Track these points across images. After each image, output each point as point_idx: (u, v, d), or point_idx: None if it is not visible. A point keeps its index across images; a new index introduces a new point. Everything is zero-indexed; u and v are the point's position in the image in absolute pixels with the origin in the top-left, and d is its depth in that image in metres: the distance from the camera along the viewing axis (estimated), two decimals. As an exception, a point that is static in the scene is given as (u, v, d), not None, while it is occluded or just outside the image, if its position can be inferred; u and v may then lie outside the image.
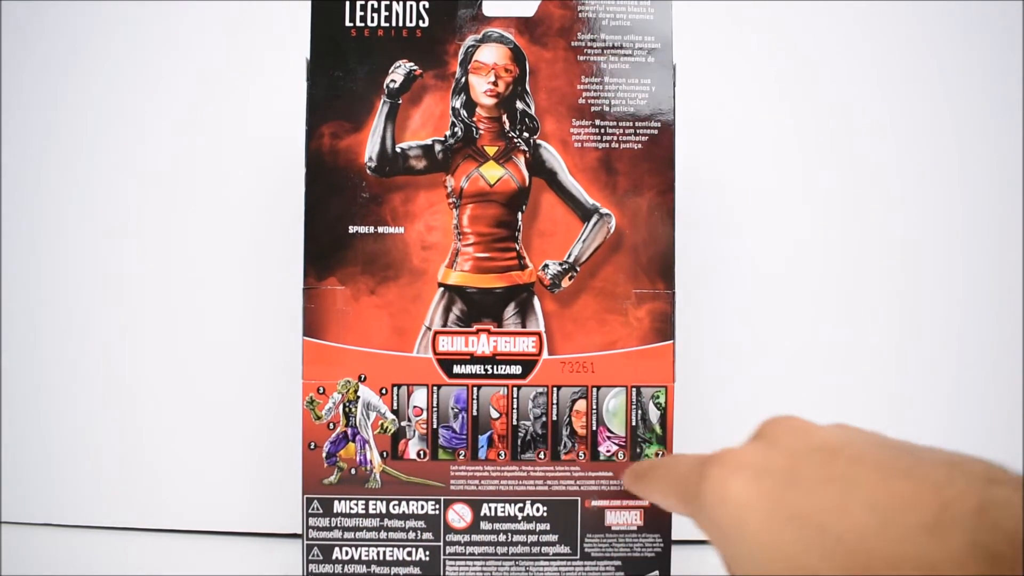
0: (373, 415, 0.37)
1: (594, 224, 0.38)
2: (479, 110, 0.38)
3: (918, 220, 0.51)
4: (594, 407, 0.38)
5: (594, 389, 0.38)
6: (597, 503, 0.38)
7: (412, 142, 0.38)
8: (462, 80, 0.38)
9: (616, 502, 0.38)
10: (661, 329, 0.37)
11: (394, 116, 0.37)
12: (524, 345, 0.37)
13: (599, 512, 0.38)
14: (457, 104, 0.38)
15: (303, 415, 0.37)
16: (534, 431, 0.38)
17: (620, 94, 0.38)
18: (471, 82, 0.38)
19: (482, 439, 0.37)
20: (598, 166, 0.38)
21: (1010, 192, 0.51)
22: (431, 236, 0.37)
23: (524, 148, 0.38)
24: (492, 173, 0.38)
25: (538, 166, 0.38)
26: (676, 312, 0.38)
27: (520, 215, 0.38)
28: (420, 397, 0.37)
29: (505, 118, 0.38)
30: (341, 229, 0.37)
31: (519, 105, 0.38)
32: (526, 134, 0.38)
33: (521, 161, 0.38)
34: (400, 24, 0.38)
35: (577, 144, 0.38)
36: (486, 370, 0.37)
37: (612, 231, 0.38)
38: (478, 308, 0.37)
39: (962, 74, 0.51)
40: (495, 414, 0.37)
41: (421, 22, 0.38)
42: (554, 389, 0.37)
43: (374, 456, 0.37)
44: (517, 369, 0.37)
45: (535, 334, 0.37)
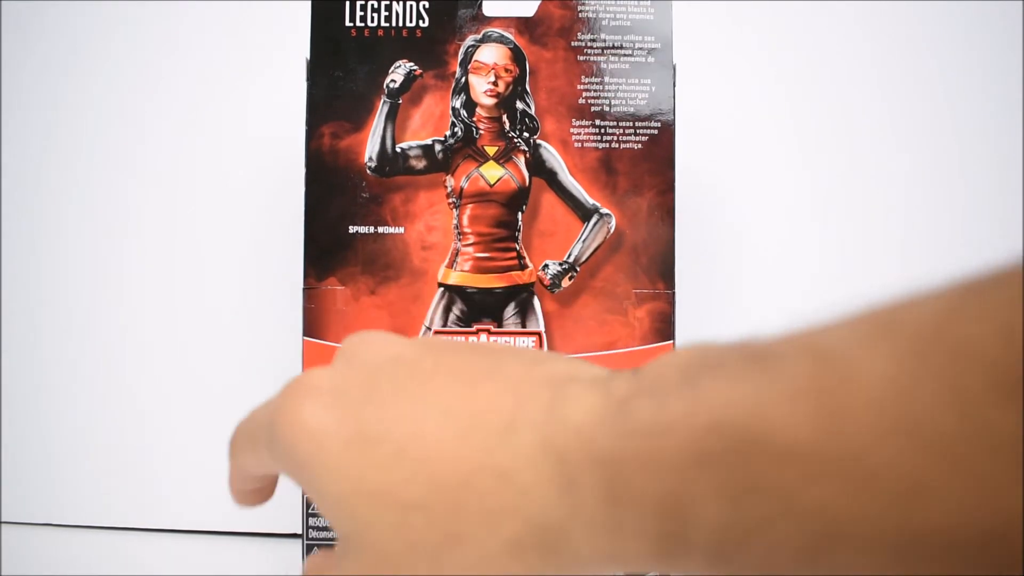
0: (373, 415, 0.37)
1: (594, 224, 0.38)
2: (479, 110, 0.38)
3: (919, 220, 0.51)
4: (594, 407, 0.37)
5: (594, 389, 0.37)
6: (597, 503, 0.38)
7: (412, 142, 0.38)
8: (462, 80, 0.38)
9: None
10: (661, 329, 0.37)
11: (394, 116, 0.37)
12: (524, 345, 0.37)
13: (599, 512, 0.38)
14: (457, 104, 0.38)
15: (303, 415, 0.37)
16: (534, 431, 0.38)
17: (620, 94, 0.38)
18: (471, 82, 0.38)
19: (482, 439, 0.37)
20: (598, 166, 0.38)
21: (1010, 192, 0.51)
22: (431, 236, 0.37)
23: (524, 148, 0.38)
24: (492, 173, 0.38)
25: (538, 166, 0.38)
26: (676, 312, 0.38)
27: (520, 215, 0.38)
28: (420, 397, 0.37)
29: (505, 118, 0.38)
30: (341, 229, 0.37)
31: (519, 105, 0.38)
32: (526, 134, 0.38)
33: (521, 161, 0.38)
34: (400, 24, 0.38)
35: (577, 144, 0.38)
36: (486, 370, 0.37)
37: (612, 231, 0.38)
38: (478, 308, 0.37)
39: (962, 74, 0.51)
40: (495, 414, 0.37)
41: (421, 22, 0.38)
42: (554, 389, 0.37)
43: (374, 456, 0.37)
44: (517, 369, 0.37)
45: (535, 334, 0.37)
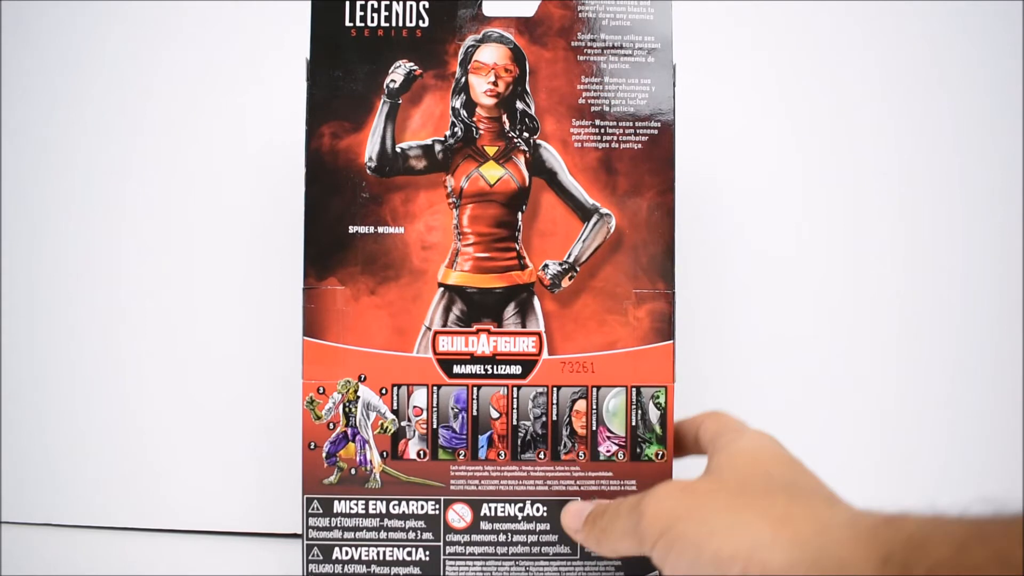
0: (373, 415, 0.37)
1: (594, 224, 0.38)
2: (479, 110, 0.38)
3: (918, 220, 0.51)
4: (594, 407, 0.38)
5: (594, 389, 0.37)
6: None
7: (412, 142, 0.38)
8: (462, 80, 0.38)
9: (616, 502, 0.38)
10: (661, 329, 0.37)
11: (394, 116, 0.37)
12: (524, 345, 0.37)
13: (599, 512, 0.38)
14: (457, 104, 0.38)
15: (303, 415, 0.37)
16: (534, 431, 0.38)
17: (620, 94, 0.38)
18: (471, 82, 0.38)
19: (482, 439, 0.37)
20: (598, 166, 0.38)
21: (1010, 192, 0.51)
22: (431, 236, 0.37)
23: (524, 148, 0.38)
24: (492, 173, 0.38)
25: (538, 166, 0.38)
26: (676, 312, 0.38)
27: (520, 215, 0.38)
28: (420, 397, 0.37)
29: (505, 118, 0.38)
30: (341, 229, 0.37)
31: (519, 105, 0.38)
32: (526, 134, 0.38)
33: (521, 161, 0.38)
34: (400, 24, 0.38)
35: (577, 144, 0.38)
36: (486, 370, 0.37)
37: (612, 231, 0.38)
38: (478, 308, 0.37)
39: (962, 74, 0.51)
40: (495, 414, 0.37)
41: (421, 22, 0.38)
42: (554, 389, 0.37)
43: (374, 456, 0.37)
44: (517, 369, 0.37)
45: (535, 334, 0.37)
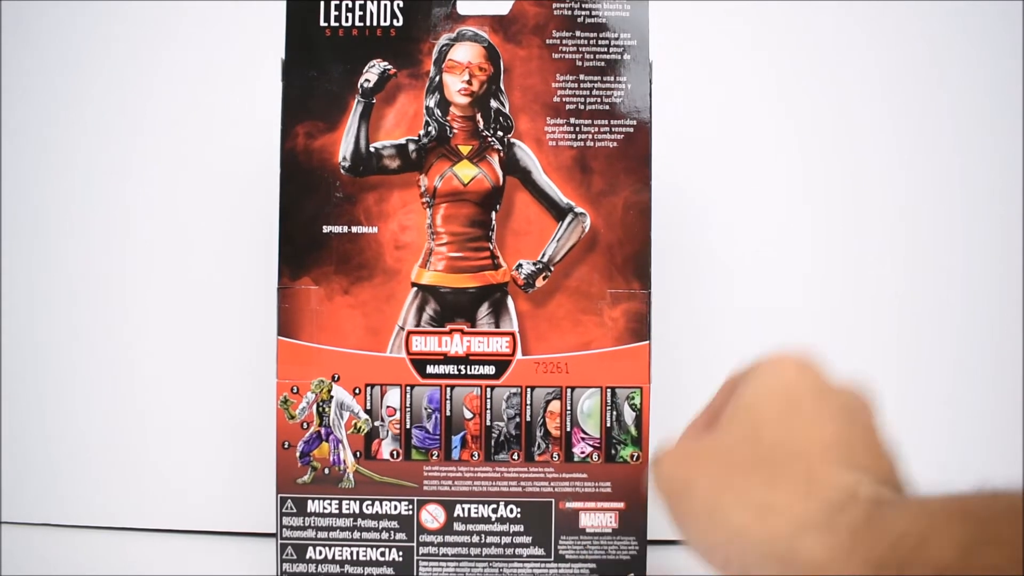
0: (346, 415, 0.37)
1: (568, 223, 0.37)
2: (453, 109, 0.38)
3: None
4: (568, 408, 0.37)
5: (568, 390, 0.37)
6: (571, 505, 0.37)
7: (386, 142, 0.37)
8: (436, 79, 0.38)
9: (591, 504, 0.37)
10: (636, 329, 0.37)
11: (368, 115, 0.37)
12: (498, 345, 0.37)
13: (573, 514, 0.37)
14: (431, 103, 0.38)
15: (277, 414, 0.37)
16: (508, 432, 0.37)
17: (595, 92, 0.37)
18: (445, 81, 0.38)
19: (455, 439, 0.37)
20: (572, 165, 0.37)
21: (1010, 192, 0.49)
22: (405, 236, 0.37)
23: (498, 147, 0.38)
24: (466, 172, 0.38)
25: (512, 165, 0.38)
26: (652, 312, 0.37)
27: (494, 214, 0.38)
28: (393, 397, 0.37)
29: (479, 117, 0.38)
30: (315, 229, 0.37)
31: (493, 104, 0.38)
32: (500, 133, 0.38)
33: (495, 160, 0.38)
34: (374, 23, 0.37)
35: (552, 142, 0.37)
36: (459, 370, 0.37)
37: (587, 230, 0.37)
38: (451, 308, 0.37)
39: (962, 74, 0.50)
40: (468, 414, 0.37)
41: (395, 21, 0.38)
42: (528, 390, 0.37)
43: (348, 456, 0.37)
44: (491, 369, 0.37)
45: (509, 334, 0.37)
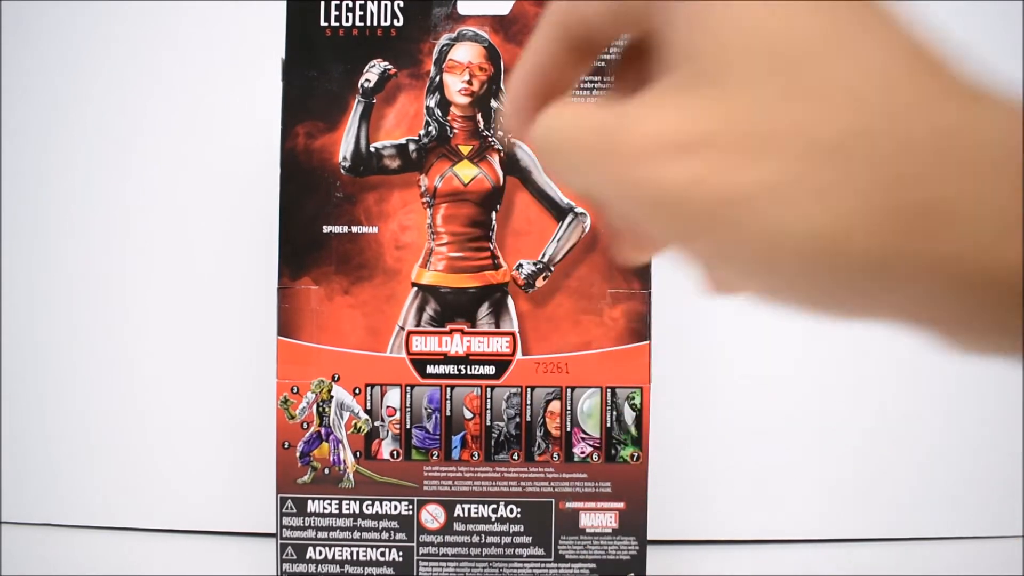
0: (346, 415, 0.37)
1: (569, 223, 0.37)
2: (453, 109, 0.38)
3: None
4: (568, 408, 0.37)
5: (568, 390, 0.37)
6: (571, 505, 0.37)
7: (386, 141, 0.37)
8: (436, 79, 0.38)
9: (590, 504, 0.37)
10: (636, 329, 0.37)
11: (368, 115, 0.37)
12: (498, 345, 0.37)
13: (573, 514, 0.37)
14: (431, 103, 0.38)
15: (277, 414, 0.37)
16: (508, 432, 0.37)
17: (595, 92, 0.37)
18: (445, 81, 0.38)
19: (455, 440, 0.37)
20: (573, 165, 0.37)
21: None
22: (405, 236, 0.37)
23: (498, 147, 0.38)
24: (466, 172, 0.38)
25: (512, 165, 0.38)
26: (652, 312, 0.37)
27: (494, 214, 0.38)
28: (393, 397, 0.37)
29: (479, 117, 0.38)
30: (315, 229, 0.37)
31: (494, 104, 0.38)
32: (500, 132, 0.38)
33: (495, 160, 0.38)
34: (375, 23, 0.38)
35: (552, 143, 0.37)
36: (459, 370, 0.37)
37: (587, 230, 0.37)
38: (451, 308, 0.37)
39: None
40: (468, 414, 0.37)
41: (396, 21, 0.38)
42: (528, 390, 0.37)
43: (348, 456, 0.37)
44: (491, 369, 0.37)
45: (509, 334, 0.37)
